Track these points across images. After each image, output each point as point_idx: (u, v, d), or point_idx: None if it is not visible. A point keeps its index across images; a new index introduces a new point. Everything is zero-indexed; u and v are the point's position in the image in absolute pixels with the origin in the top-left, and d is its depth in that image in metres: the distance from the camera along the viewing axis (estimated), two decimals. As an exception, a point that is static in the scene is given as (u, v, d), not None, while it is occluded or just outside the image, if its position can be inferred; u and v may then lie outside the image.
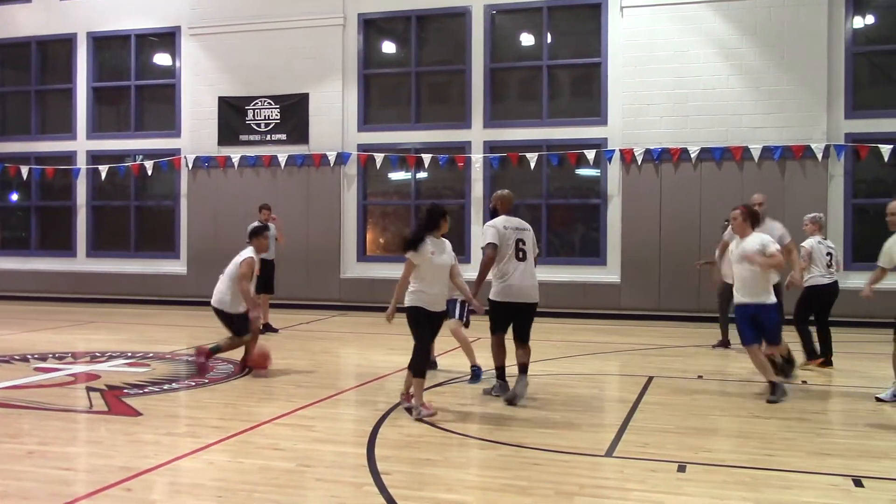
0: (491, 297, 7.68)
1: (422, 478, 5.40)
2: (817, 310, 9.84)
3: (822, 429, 6.94)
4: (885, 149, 14.03)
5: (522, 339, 7.73)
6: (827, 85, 14.32)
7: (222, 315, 9.42)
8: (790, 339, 9.05)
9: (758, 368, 7.99)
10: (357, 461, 5.76)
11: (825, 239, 9.97)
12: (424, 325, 7.08)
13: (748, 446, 6.23)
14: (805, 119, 14.34)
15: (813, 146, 14.21)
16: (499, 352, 7.86)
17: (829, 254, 9.72)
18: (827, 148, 14.23)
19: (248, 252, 9.52)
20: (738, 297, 8.01)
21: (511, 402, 7.51)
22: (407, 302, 7.13)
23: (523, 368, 7.63)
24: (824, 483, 5.37)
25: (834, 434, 6.86)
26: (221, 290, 9.46)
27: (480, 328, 8.44)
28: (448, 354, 9.72)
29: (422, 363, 7.08)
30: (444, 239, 7.26)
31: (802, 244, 9.73)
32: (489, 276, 7.70)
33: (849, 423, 7.19)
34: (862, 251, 14.36)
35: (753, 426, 6.90)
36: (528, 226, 7.92)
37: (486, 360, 8.36)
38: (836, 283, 9.78)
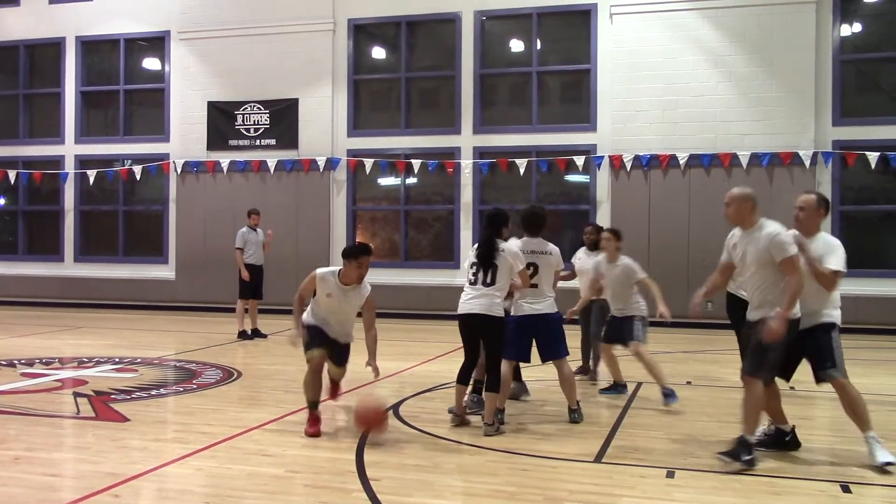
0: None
1: (411, 483, 5.39)
2: None
3: (810, 434, 6.96)
4: (873, 156, 14.12)
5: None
6: (815, 92, 14.41)
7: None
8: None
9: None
10: (346, 467, 5.74)
11: None
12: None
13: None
14: (793, 126, 14.42)
15: (801, 153, 14.29)
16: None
17: None
18: (815, 155, 14.31)
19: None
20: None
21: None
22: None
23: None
24: (812, 489, 5.38)
25: (822, 440, 6.88)
26: None
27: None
28: (437, 360, 9.71)
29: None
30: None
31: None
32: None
33: (836, 429, 7.21)
34: (849, 258, 14.40)
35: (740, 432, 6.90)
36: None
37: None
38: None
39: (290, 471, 5.64)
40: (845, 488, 5.36)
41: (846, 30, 14.83)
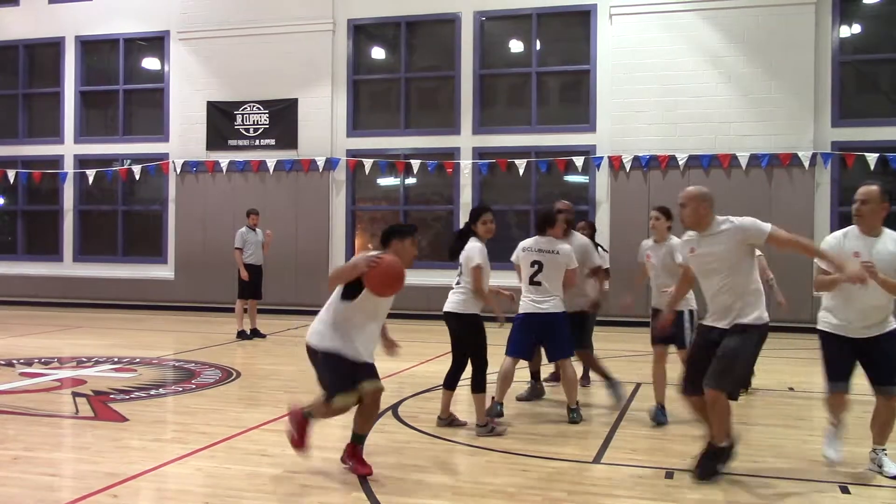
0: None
1: (409, 484, 5.39)
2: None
3: (809, 435, 6.96)
4: (872, 157, 14.13)
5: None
6: (814, 93, 14.42)
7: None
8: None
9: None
10: (344, 467, 5.74)
11: None
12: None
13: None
14: (792, 127, 14.43)
15: (800, 154, 14.29)
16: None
17: None
18: (814, 156, 14.32)
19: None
20: None
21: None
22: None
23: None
24: (811, 490, 5.39)
25: (820, 441, 6.88)
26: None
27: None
28: (436, 360, 9.71)
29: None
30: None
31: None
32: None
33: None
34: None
35: (740, 433, 6.91)
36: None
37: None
38: None
39: (289, 471, 5.64)
40: (844, 489, 5.37)
41: (845, 31, 14.84)
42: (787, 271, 13.87)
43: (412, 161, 16.32)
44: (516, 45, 16.63)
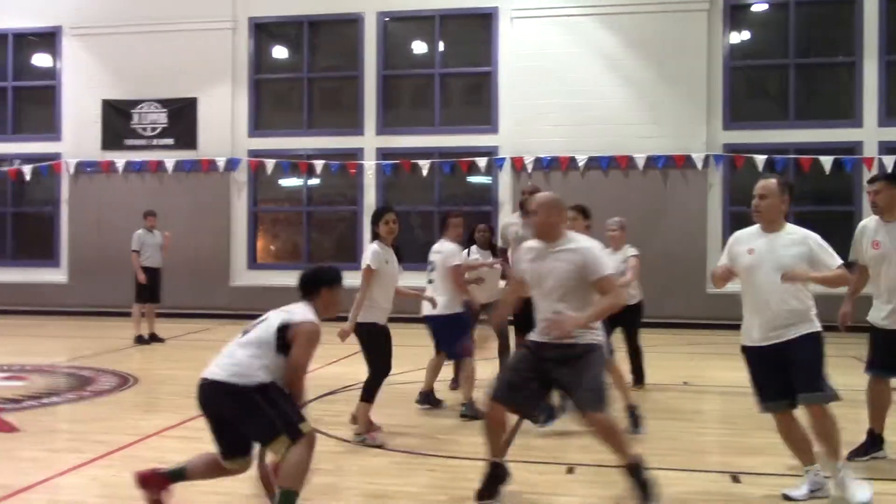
0: None
1: (314, 487, 5.35)
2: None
3: (701, 427, 7.23)
4: (760, 159, 14.72)
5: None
6: (706, 97, 14.93)
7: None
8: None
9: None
10: (248, 472, 5.66)
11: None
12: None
13: (633, 446, 6.41)
14: (686, 130, 14.91)
15: (693, 156, 14.78)
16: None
17: None
18: (706, 158, 14.83)
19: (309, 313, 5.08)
20: None
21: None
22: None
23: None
24: (704, 480, 5.59)
25: (712, 433, 7.15)
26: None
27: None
28: (341, 363, 9.67)
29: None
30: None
31: (633, 254, 8.35)
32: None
33: (726, 421, 7.50)
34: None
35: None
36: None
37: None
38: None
39: (190, 478, 5.52)
40: (735, 478, 5.59)
41: (735, 37, 15.42)
42: (683, 267, 14.37)
43: (315, 162, 16.20)
44: (419, 47, 16.70)
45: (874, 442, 5.98)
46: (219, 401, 4.61)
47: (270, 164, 16.29)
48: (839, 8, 15.22)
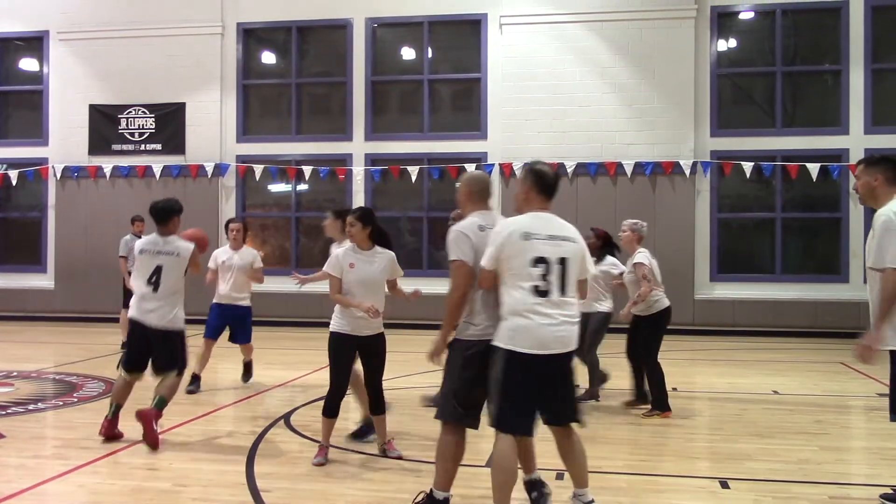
0: None
1: (302, 493, 5.34)
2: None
3: (691, 434, 7.24)
4: (747, 165, 14.78)
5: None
6: (694, 104, 14.99)
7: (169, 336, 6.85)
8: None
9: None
10: (236, 479, 5.65)
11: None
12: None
13: (622, 453, 6.44)
14: (674, 136, 14.97)
15: (681, 162, 14.84)
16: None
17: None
18: (694, 164, 14.89)
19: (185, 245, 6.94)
20: None
21: None
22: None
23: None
24: (693, 486, 5.61)
25: (701, 438, 7.16)
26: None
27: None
28: (325, 370, 9.63)
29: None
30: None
31: (639, 260, 7.99)
32: None
33: (715, 428, 7.52)
34: (726, 263, 15.11)
35: (627, 433, 7.14)
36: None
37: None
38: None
39: (178, 485, 5.51)
40: (724, 484, 5.59)
41: (722, 45, 15.50)
42: (671, 273, 14.40)
43: (304, 167, 16.18)
44: (408, 53, 16.70)
45: None
46: None
47: (259, 169, 16.26)
48: (825, 16, 15.32)
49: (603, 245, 8.61)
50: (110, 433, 6.69)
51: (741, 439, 6.88)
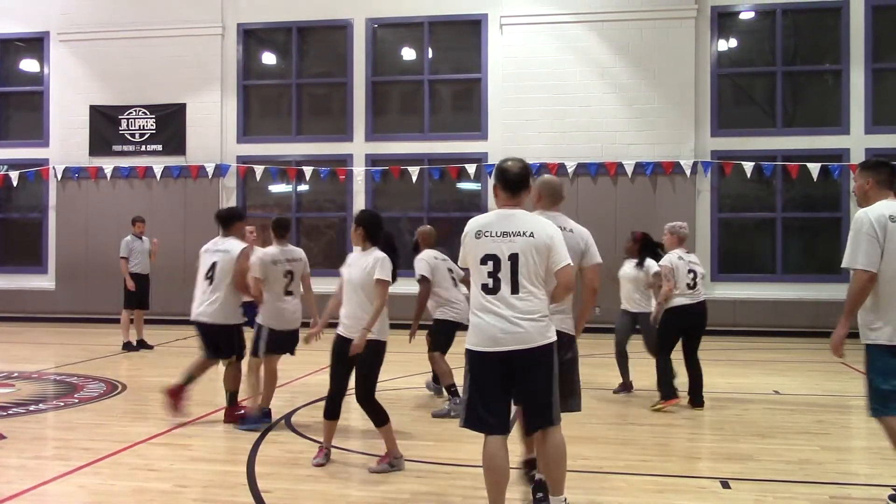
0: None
1: (303, 494, 5.34)
2: (688, 336, 8.19)
3: (692, 434, 7.24)
4: (748, 165, 14.78)
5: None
6: (694, 104, 14.99)
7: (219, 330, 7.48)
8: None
9: None
10: (236, 479, 5.65)
11: (690, 254, 8.46)
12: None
13: (624, 453, 6.43)
14: (674, 136, 14.97)
15: (682, 162, 14.83)
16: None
17: (691, 271, 8.14)
18: (695, 164, 14.88)
19: (237, 244, 7.62)
20: None
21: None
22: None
23: None
24: (694, 486, 5.60)
25: (703, 438, 7.16)
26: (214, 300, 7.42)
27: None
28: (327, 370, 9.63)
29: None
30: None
31: (662, 261, 8.36)
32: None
33: (716, 428, 7.51)
34: (727, 263, 15.10)
35: (629, 433, 7.13)
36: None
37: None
38: (701, 304, 8.21)
39: (179, 485, 5.51)
40: (725, 484, 5.59)
41: (723, 45, 15.50)
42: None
43: (304, 168, 16.18)
44: (408, 53, 16.70)
45: None
46: None
47: (259, 170, 16.26)
48: (826, 16, 15.32)
49: (641, 248, 8.84)
50: (231, 418, 7.36)
51: (742, 439, 6.88)
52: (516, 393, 4.55)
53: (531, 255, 4.47)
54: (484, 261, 4.48)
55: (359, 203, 16.07)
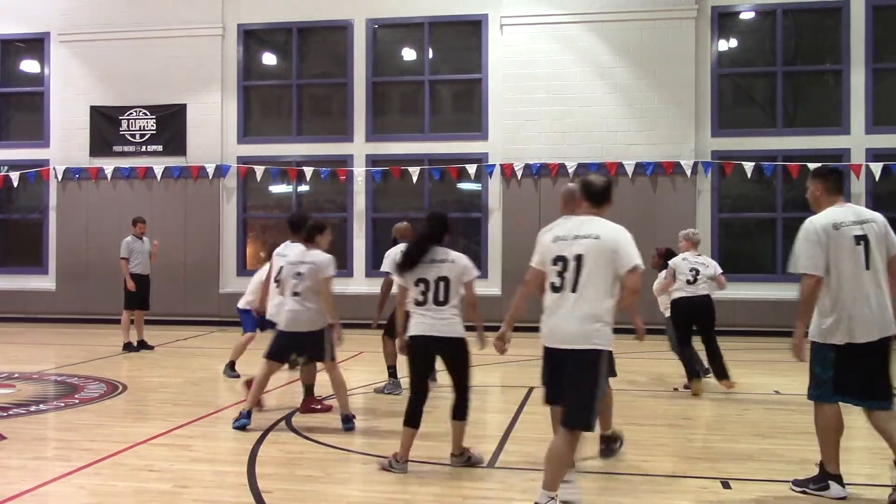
0: None
1: (304, 495, 5.34)
2: (697, 326, 9.15)
3: (693, 434, 7.23)
4: (748, 165, 14.78)
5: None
6: (695, 104, 14.99)
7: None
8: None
9: None
10: (237, 480, 5.65)
11: (699, 256, 9.40)
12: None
13: (624, 453, 6.42)
14: (675, 136, 14.97)
15: (682, 163, 14.83)
16: None
17: (693, 269, 9.11)
18: (695, 165, 14.88)
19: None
20: None
21: None
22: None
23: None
24: (695, 486, 5.60)
25: (703, 438, 7.16)
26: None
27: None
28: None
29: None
30: None
31: (669, 262, 9.38)
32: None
33: (716, 428, 7.51)
34: (728, 263, 15.05)
35: (629, 433, 7.11)
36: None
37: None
38: (701, 296, 9.09)
39: (179, 486, 5.51)
40: (725, 484, 5.59)
41: (723, 45, 15.50)
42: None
43: (304, 168, 16.18)
44: (409, 54, 16.70)
45: None
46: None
47: (260, 170, 16.27)
48: (826, 16, 15.31)
49: (665, 261, 9.61)
50: (307, 409, 7.77)
51: (742, 439, 6.88)
52: (564, 388, 4.84)
53: (591, 258, 4.78)
54: (555, 261, 4.89)
55: (359, 204, 16.08)
